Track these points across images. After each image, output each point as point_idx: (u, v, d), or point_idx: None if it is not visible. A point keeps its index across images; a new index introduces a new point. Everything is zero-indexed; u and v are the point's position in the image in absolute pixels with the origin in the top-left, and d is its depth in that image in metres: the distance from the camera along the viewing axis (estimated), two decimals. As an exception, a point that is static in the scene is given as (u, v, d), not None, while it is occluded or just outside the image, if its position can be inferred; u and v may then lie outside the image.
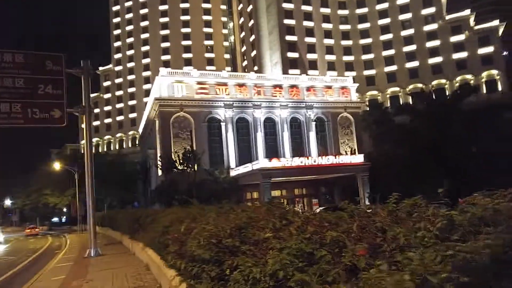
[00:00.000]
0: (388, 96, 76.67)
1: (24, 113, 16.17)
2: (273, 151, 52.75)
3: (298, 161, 40.49)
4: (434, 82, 73.52)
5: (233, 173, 47.94)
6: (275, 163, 40.42)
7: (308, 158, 42.20)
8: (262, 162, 41.42)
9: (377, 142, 46.42)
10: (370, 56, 79.18)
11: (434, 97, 47.65)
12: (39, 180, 58.81)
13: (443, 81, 73.04)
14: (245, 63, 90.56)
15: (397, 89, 76.36)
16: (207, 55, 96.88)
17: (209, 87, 52.52)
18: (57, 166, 48.28)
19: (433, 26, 75.56)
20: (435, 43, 74.86)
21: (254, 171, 41.53)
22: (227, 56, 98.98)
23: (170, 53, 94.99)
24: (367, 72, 78.52)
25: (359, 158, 42.02)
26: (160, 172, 48.08)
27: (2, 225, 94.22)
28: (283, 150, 54.12)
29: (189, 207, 9.51)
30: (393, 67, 77.35)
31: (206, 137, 51.43)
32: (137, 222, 14.80)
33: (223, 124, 52.57)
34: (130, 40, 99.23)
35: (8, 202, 78.57)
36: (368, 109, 57.87)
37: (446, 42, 74.09)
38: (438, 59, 74.26)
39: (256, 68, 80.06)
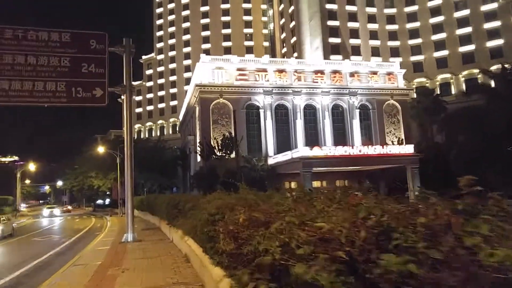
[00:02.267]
0: (438, 83, 71.86)
1: (68, 92, 15.96)
2: (313, 139, 51.13)
3: (341, 150, 38.72)
4: (494, 67, 67.51)
5: (271, 161, 46.97)
6: (316, 151, 38.93)
7: (352, 148, 40.25)
8: (302, 150, 40.04)
9: (427, 131, 43.30)
10: (418, 40, 74.47)
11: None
12: (85, 164, 60.80)
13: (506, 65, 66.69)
14: (284, 50, 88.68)
15: (448, 75, 71.35)
16: (247, 43, 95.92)
17: (249, 74, 51.53)
18: (101, 150, 49.46)
19: (492, 6, 69.41)
20: (495, 24, 68.79)
21: (294, 160, 40.28)
22: (266, 43, 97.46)
23: (210, 41, 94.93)
24: (414, 58, 74.04)
25: (408, 149, 39.53)
26: (199, 158, 48.02)
27: (54, 204, 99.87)
28: (324, 138, 52.34)
29: (236, 193, 8.56)
30: (444, 52, 72.12)
31: (245, 124, 50.68)
32: (176, 207, 14.08)
33: (261, 111, 51.54)
34: (171, 29, 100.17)
35: (59, 183, 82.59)
36: (416, 96, 54.41)
37: (507, 23, 67.80)
38: (498, 42, 68.16)
39: (295, 54, 77.97)
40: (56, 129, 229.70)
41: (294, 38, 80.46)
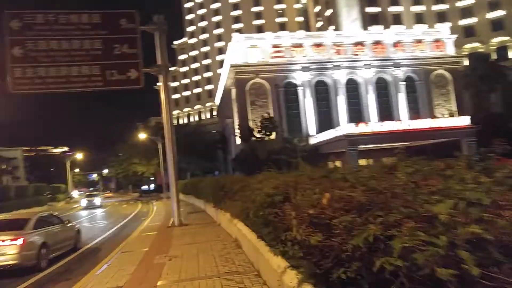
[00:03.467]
0: (493, 47, 65.58)
1: (103, 75, 15.43)
2: (356, 116, 48.80)
3: (389, 126, 36.49)
4: None
5: (312, 140, 45.44)
6: (362, 128, 36.95)
7: (401, 122, 37.80)
8: (347, 127, 38.17)
9: (484, 101, 39.70)
10: (468, 1, 68.33)
11: None
12: (129, 151, 62.25)
13: None
14: (319, 24, 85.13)
15: (506, 38, 64.79)
16: (279, 19, 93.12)
17: (285, 50, 49.71)
18: (142, 136, 50.12)
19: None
20: None
21: (338, 138, 38.52)
22: (299, 19, 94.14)
23: (241, 21, 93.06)
24: (464, 22, 68.23)
25: (464, 120, 36.51)
26: (238, 141, 47.38)
27: (103, 191, 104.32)
28: (368, 114, 49.80)
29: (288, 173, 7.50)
30: (499, 12, 65.51)
31: (283, 104, 49.22)
32: (222, 189, 13.25)
33: (300, 89, 49.76)
34: (201, 11, 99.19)
35: (105, 171, 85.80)
36: (469, 63, 50.14)
37: None
38: None
39: (332, 28, 74.60)
40: (102, 119, 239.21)
41: (330, 11, 76.87)
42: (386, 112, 49.89)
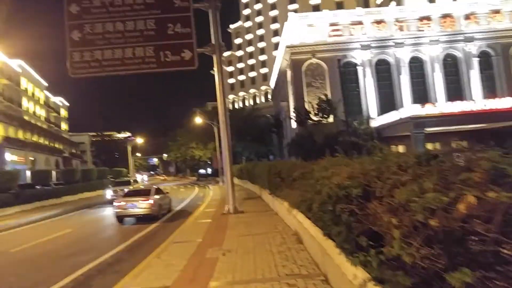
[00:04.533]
0: None
1: (157, 57, 15.07)
2: (421, 96, 45.19)
3: (460, 106, 33.09)
4: None
5: (373, 123, 42.78)
6: (429, 109, 33.95)
7: (474, 102, 34.15)
8: (412, 108, 35.27)
9: None
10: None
11: None
12: (186, 135, 63.59)
13: None
14: (379, 0, 79.67)
15: None
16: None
17: (343, 28, 46.98)
18: (199, 120, 50.62)
19: None
20: None
21: (402, 120, 35.80)
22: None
23: (297, 1, 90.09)
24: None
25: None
26: (294, 125, 46.07)
27: (163, 175, 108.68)
28: (435, 94, 45.89)
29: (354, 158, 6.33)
30: None
31: (341, 85, 46.76)
32: (278, 175, 12.31)
33: (360, 69, 46.97)
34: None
35: (165, 155, 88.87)
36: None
37: None
38: None
39: (393, 4, 69.37)
40: (163, 105, 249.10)
41: (392, -15, 71.54)
42: (456, 91, 45.53)
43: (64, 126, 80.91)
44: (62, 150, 66.32)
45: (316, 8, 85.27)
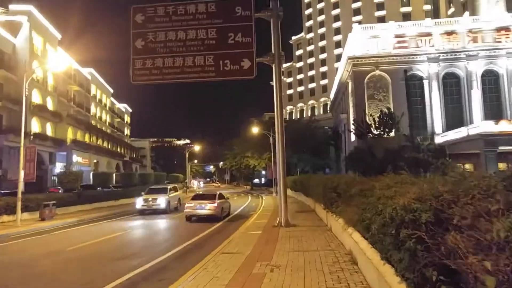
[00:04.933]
0: None
1: (216, 66, 15.18)
2: (494, 113, 41.68)
3: (542, 124, 29.76)
4: None
5: (438, 139, 40.07)
6: (504, 126, 31.03)
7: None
8: (484, 125, 32.46)
9: None
10: None
11: None
12: (242, 144, 64.20)
13: None
14: (451, 10, 75.16)
15: None
16: (403, 9, 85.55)
17: (409, 40, 44.85)
18: (255, 130, 50.86)
19: None
20: None
21: (471, 137, 33.06)
22: (427, 7, 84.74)
23: (361, 13, 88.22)
24: None
25: None
26: (353, 138, 44.47)
27: (217, 182, 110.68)
28: (511, 111, 41.93)
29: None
30: None
31: (405, 98, 44.55)
32: (334, 190, 11.65)
33: (425, 82, 44.40)
34: (320, 5, 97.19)
35: (221, 163, 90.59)
36: None
37: None
38: None
39: (467, 13, 65.06)
40: (220, 115, 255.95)
41: (465, -6, 67.22)
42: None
43: (126, 131, 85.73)
44: (123, 154, 70.15)
45: (381, 19, 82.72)
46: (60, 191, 27.71)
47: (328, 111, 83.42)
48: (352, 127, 43.29)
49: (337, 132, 58.61)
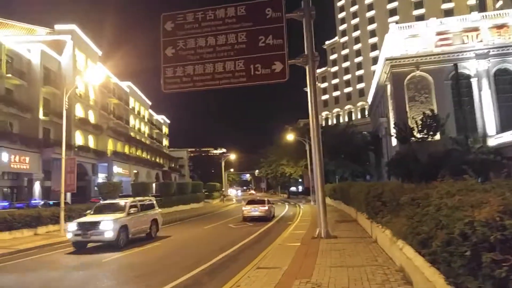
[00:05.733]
0: None
1: (247, 70, 14.60)
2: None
3: None
4: None
5: (492, 141, 37.23)
6: None
7: None
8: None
9: None
10: None
11: None
12: (277, 152, 63.38)
13: None
14: (499, 3, 70.88)
15: None
16: (444, 6, 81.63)
17: (453, 36, 42.41)
18: (290, 137, 49.93)
19: None
20: None
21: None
22: (471, 2, 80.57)
23: (398, 13, 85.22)
24: None
25: None
26: (394, 142, 42.50)
27: (253, 191, 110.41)
28: None
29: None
30: None
31: (450, 98, 42.05)
32: (379, 199, 10.60)
33: (474, 80, 41.67)
34: (354, 8, 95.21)
35: (257, 171, 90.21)
36: None
37: None
38: None
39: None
40: (254, 123, 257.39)
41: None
42: None
43: (165, 142, 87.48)
44: (162, 164, 71.42)
45: (419, 18, 79.34)
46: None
47: (366, 116, 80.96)
48: (393, 131, 41.33)
49: (377, 137, 56.40)
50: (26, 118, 34.10)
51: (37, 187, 33.39)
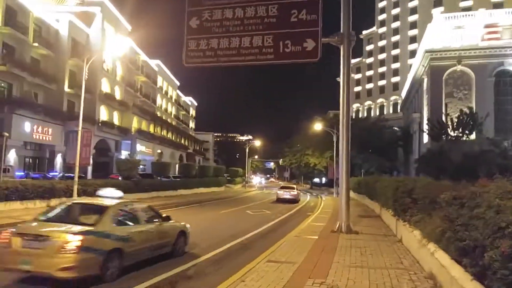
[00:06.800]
0: None
1: (276, 47, 13.58)
2: None
3: None
4: None
5: (533, 145, 34.58)
6: None
7: None
8: None
9: None
10: None
11: None
12: (303, 142, 62.14)
13: None
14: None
15: None
16: (494, -2, 76.45)
17: (503, 30, 39.47)
18: (318, 127, 48.48)
19: None
20: None
21: None
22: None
23: (443, 4, 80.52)
24: None
25: None
26: (426, 139, 40.46)
27: (276, 179, 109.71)
28: None
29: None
30: None
31: (492, 97, 39.35)
32: (409, 195, 9.54)
33: (520, 79, 38.77)
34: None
35: (281, 160, 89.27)
36: None
37: None
38: None
39: None
40: (282, 113, 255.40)
41: None
42: None
43: (191, 124, 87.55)
44: (187, 146, 71.51)
45: (466, 10, 74.97)
46: (120, 178, 28.09)
47: (399, 111, 78.02)
48: (425, 127, 39.26)
49: (408, 133, 54.10)
50: (51, 89, 34.07)
51: (58, 159, 33.65)
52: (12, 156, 28.30)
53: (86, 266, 5.98)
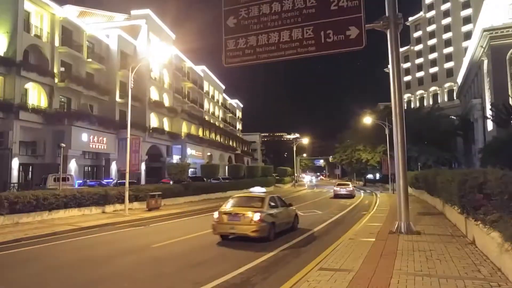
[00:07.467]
0: None
1: (317, 38, 12.90)
2: None
3: None
4: None
5: None
6: None
7: None
8: None
9: None
10: None
11: None
12: (353, 137, 60.02)
13: None
14: None
15: None
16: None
17: None
18: (368, 120, 46.39)
19: None
20: None
21: None
22: None
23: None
24: None
25: None
26: (490, 127, 37.18)
27: (326, 177, 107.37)
28: None
29: None
30: None
31: None
32: (479, 190, 8.35)
33: None
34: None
35: (331, 157, 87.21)
36: None
37: None
38: None
39: None
40: (330, 109, 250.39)
41: None
42: None
43: (238, 126, 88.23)
44: (235, 148, 72.07)
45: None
46: (170, 182, 28.65)
47: (455, 98, 72.92)
48: (489, 113, 36.02)
49: (467, 121, 50.18)
50: (105, 100, 35.92)
51: (113, 166, 35.20)
52: (73, 166, 29.92)
53: (263, 230, 10.55)
